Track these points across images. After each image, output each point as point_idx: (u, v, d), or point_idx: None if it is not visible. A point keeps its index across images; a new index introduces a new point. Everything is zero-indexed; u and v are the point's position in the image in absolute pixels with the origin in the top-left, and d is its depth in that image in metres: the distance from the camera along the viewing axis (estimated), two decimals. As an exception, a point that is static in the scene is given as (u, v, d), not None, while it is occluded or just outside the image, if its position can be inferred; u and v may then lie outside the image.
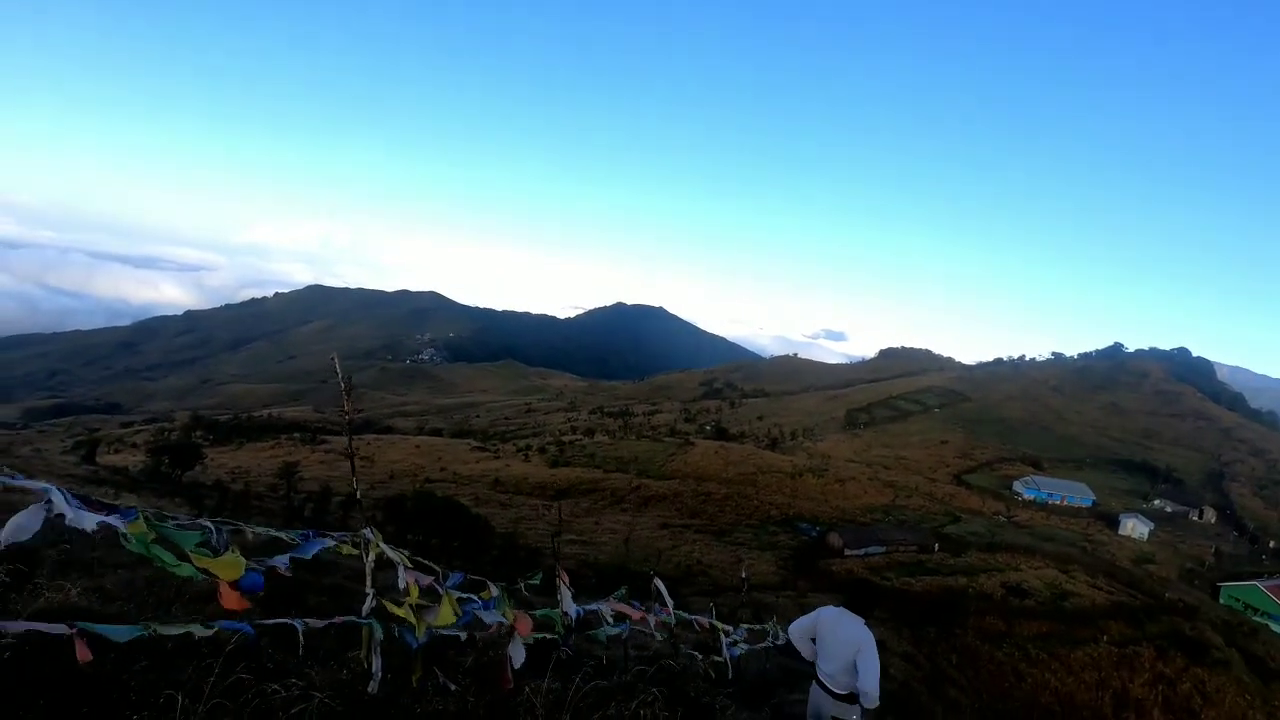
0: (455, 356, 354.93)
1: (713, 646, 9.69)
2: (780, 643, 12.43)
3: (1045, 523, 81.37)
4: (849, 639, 4.69)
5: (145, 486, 41.66)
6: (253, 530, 4.17)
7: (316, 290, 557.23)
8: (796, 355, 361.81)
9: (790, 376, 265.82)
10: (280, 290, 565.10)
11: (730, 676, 8.84)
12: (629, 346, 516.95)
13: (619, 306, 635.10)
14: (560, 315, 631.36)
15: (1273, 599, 53.44)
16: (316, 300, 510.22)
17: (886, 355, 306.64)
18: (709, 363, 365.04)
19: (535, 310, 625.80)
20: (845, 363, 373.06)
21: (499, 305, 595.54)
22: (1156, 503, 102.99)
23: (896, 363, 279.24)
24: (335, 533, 4.29)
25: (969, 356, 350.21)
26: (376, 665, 4.11)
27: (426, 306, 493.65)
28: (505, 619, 4.87)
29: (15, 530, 2.65)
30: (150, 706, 3.28)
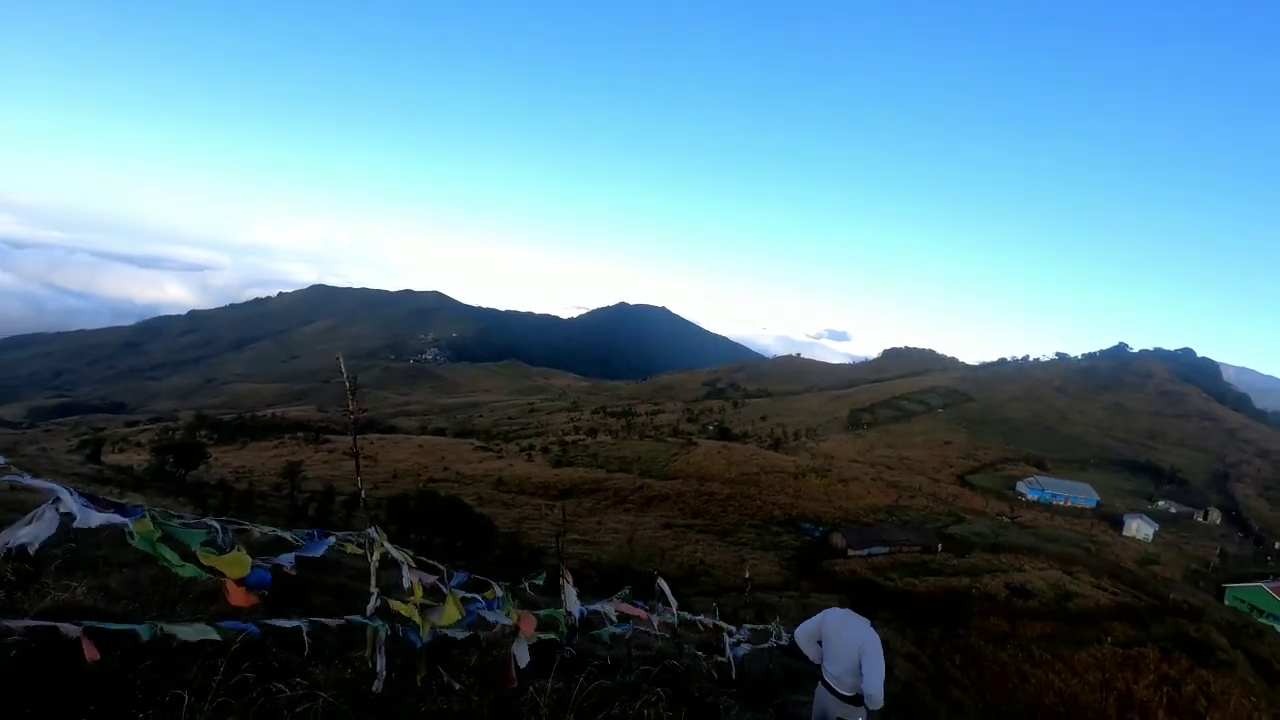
0: (458, 356, 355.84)
1: (716, 646, 9.69)
2: (783, 643, 12.44)
3: (1049, 523, 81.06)
4: (854, 640, 4.68)
5: (150, 485, 41.79)
6: (259, 529, 4.18)
7: (320, 290, 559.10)
8: (800, 355, 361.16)
9: (793, 376, 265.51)
10: (284, 290, 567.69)
11: (734, 677, 8.83)
12: (632, 346, 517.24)
13: (622, 306, 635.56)
14: (563, 315, 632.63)
15: (1278, 600, 53.24)
16: (320, 300, 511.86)
17: (890, 355, 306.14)
18: (712, 363, 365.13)
19: (538, 310, 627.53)
20: (848, 363, 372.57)
21: (502, 305, 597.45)
22: (1161, 504, 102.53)
23: (900, 363, 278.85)
24: (339, 532, 4.31)
25: (973, 356, 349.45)
26: (381, 664, 4.13)
27: (430, 306, 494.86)
28: (509, 619, 4.88)
29: (30, 539, 2.67)
30: (156, 705, 3.28)
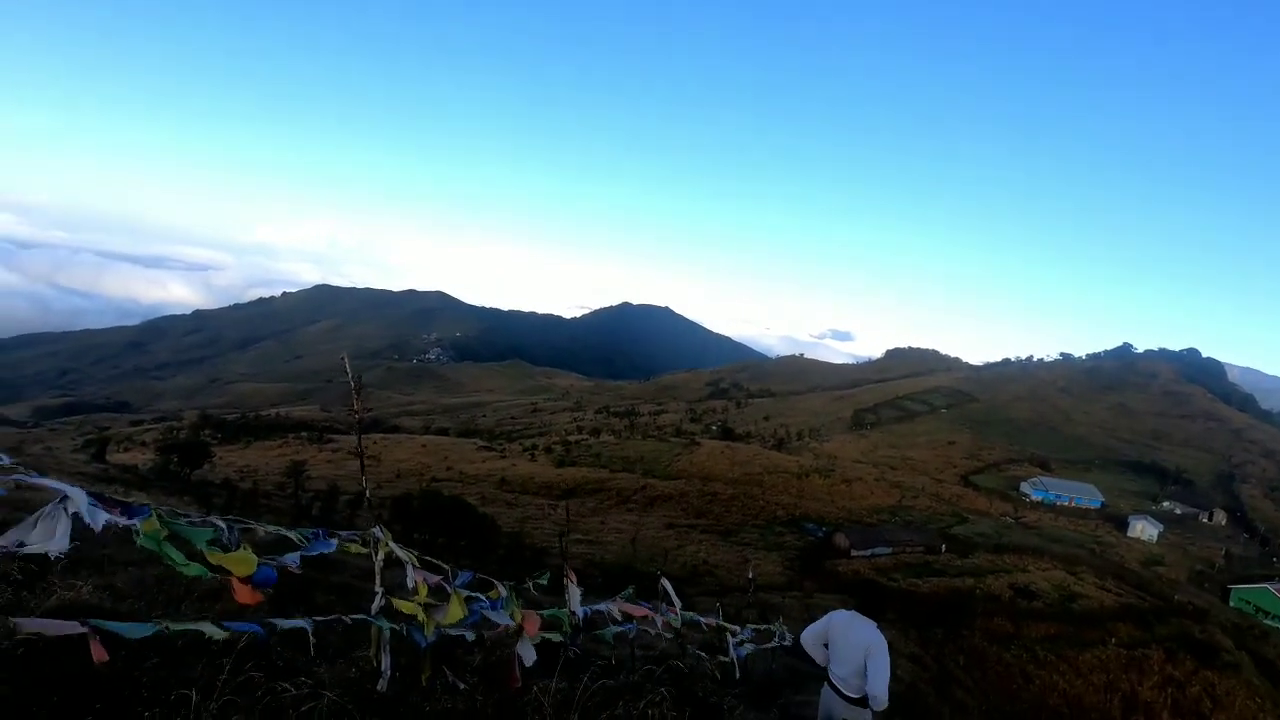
0: (462, 356, 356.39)
1: (719, 647, 9.69)
2: (787, 643, 12.42)
3: (1053, 524, 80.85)
4: (861, 642, 4.68)
5: (154, 485, 41.91)
6: (265, 529, 4.19)
7: (324, 290, 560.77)
8: (803, 355, 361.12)
9: (796, 377, 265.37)
10: (288, 290, 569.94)
11: (737, 677, 8.83)
12: (635, 346, 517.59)
13: (625, 306, 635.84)
14: (566, 315, 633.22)
15: (1284, 602, 52.98)
16: (324, 300, 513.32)
17: (893, 355, 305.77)
18: (715, 363, 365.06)
19: (541, 310, 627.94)
20: (852, 363, 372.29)
21: (505, 305, 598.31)
22: (1166, 504, 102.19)
23: (903, 363, 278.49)
24: (343, 531, 4.32)
25: (976, 357, 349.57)
26: (385, 663, 4.14)
27: (433, 306, 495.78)
28: (513, 619, 4.88)
29: (40, 548, 2.69)
30: (162, 704, 3.29)
